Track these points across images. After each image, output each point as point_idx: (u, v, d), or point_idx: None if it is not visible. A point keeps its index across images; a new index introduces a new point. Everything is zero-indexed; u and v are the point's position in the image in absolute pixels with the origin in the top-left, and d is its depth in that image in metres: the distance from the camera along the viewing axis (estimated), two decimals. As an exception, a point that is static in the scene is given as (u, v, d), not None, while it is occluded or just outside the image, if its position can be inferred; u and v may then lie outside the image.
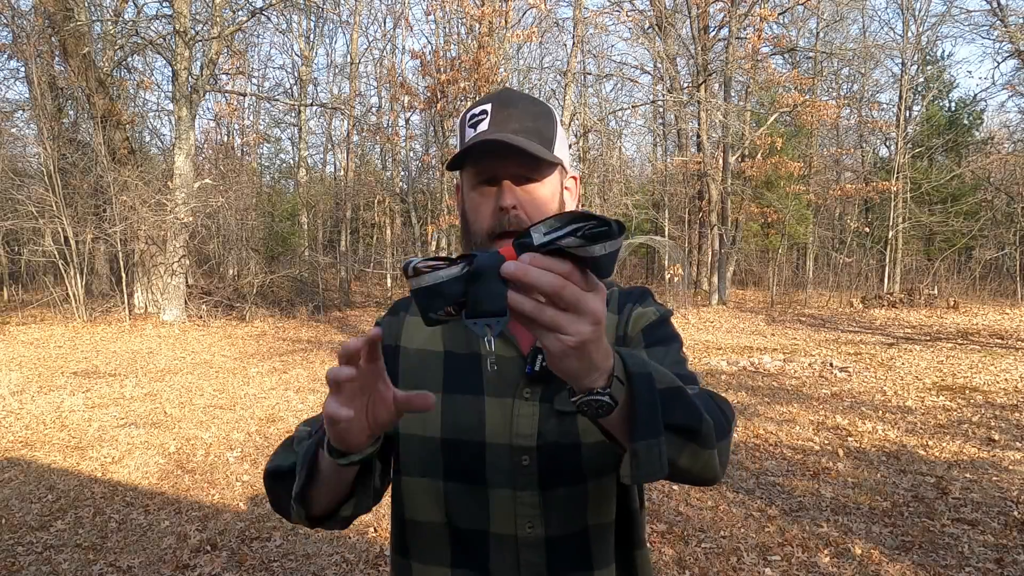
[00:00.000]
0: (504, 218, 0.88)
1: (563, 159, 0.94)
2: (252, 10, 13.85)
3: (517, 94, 0.94)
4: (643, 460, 0.63)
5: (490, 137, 0.86)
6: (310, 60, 22.59)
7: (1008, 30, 16.68)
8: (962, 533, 3.34)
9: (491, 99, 0.93)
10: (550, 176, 0.92)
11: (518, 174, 0.89)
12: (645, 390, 0.63)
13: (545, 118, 0.92)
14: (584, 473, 0.86)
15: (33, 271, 15.21)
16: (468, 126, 0.93)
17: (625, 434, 0.65)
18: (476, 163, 0.90)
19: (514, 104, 0.91)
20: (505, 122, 0.89)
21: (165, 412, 5.90)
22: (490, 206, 0.89)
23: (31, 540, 3.39)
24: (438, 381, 0.90)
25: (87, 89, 12.37)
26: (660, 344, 0.92)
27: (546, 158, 0.87)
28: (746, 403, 6.17)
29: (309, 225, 20.78)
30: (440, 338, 0.94)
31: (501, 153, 0.87)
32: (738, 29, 16.99)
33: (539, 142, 0.89)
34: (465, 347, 0.92)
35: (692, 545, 3.26)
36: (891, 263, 18.96)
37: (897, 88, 20.09)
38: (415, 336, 0.95)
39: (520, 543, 0.85)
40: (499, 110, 0.90)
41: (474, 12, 12.31)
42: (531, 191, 0.90)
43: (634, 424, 0.64)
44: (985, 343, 9.61)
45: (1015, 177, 20.18)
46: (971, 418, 5.53)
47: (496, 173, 0.89)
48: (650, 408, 0.64)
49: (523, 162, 0.88)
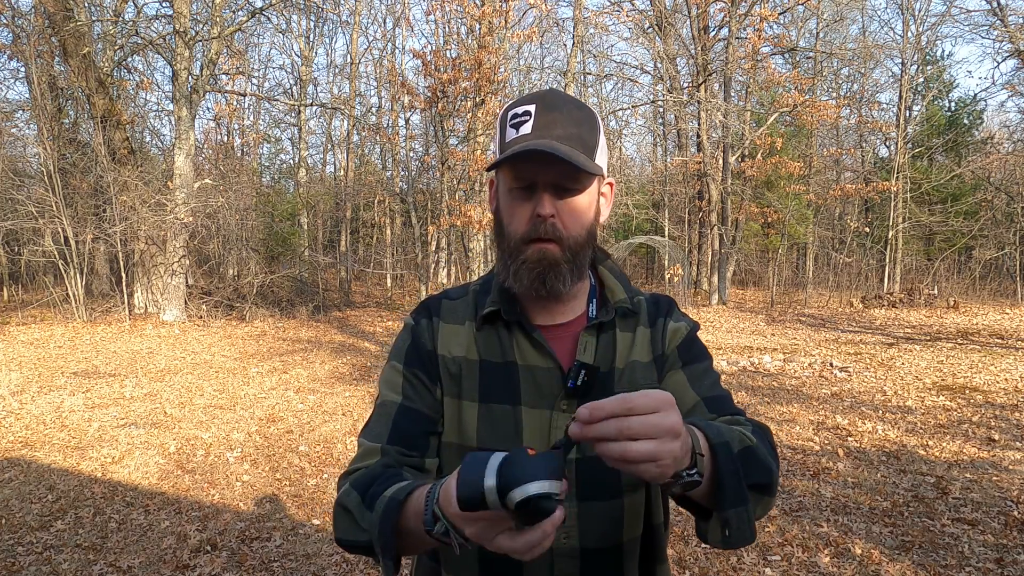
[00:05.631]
0: (541, 225, 0.86)
1: (603, 167, 0.92)
2: (252, 10, 13.85)
3: (562, 96, 0.90)
4: (735, 527, 0.67)
5: (534, 146, 0.83)
6: (310, 60, 22.59)
7: (1008, 30, 16.67)
8: (962, 533, 3.34)
9: (535, 99, 0.89)
10: (590, 186, 0.89)
11: (558, 184, 0.86)
12: (727, 460, 0.67)
13: (588, 124, 0.89)
14: (621, 487, 0.87)
15: (33, 271, 15.20)
16: (510, 125, 0.89)
17: (714, 504, 0.68)
18: (516, 167, 0.87)
19: (559, 108, 0.88)
20: (549, 127, 0.85)
21: (165, 412, 5.89)
22: (527, 212, 0.88)
23: (31, 540, 3.39)
24: (475, 390, 0.90)
25: (87, 89, 12.36)
26: (696, 362, 0.93)
27: (588, 169, 0.84)
28: (746, 403, 6.17)
29: (309, 225, 20.78)
30: (475, 346, 0.94)
31: (543, 161, 0.84)
32: (738, 29, 16.98)
33: (582, 150, 0.86)
34: (500, 356, 0.92)
35: (692, 545, 3.26)
36: (891, 263, 18.96)
37: (897, 88, 20.08)
38: (451, 344, 0.94)
39: (555, 553, 0.85)
40: (543, 113, 0.86)
41: (474, 12, 12.31)
42: (570, 201, 0.88)
43: (723, 494, 0.67)
44: (985, 343, 9.61)
45: (1015, 177, 20.16)
46: (971, 418, 5.53)
47: (536, 180, 0.86)
48: (734, 477, 0.67)
49: (565, 171, 0.85)
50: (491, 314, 0.95)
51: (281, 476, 4.37)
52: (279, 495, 4.06)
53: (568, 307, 0.95)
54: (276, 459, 4.71)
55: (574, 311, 0.95)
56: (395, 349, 0.97)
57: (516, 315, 0.93)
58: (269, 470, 4.49)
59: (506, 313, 0.93)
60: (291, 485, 4.20)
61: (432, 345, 0.95)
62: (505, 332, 0.93)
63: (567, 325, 0.94)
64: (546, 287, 0.88)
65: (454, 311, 0.98)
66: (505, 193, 0.91)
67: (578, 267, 0.90)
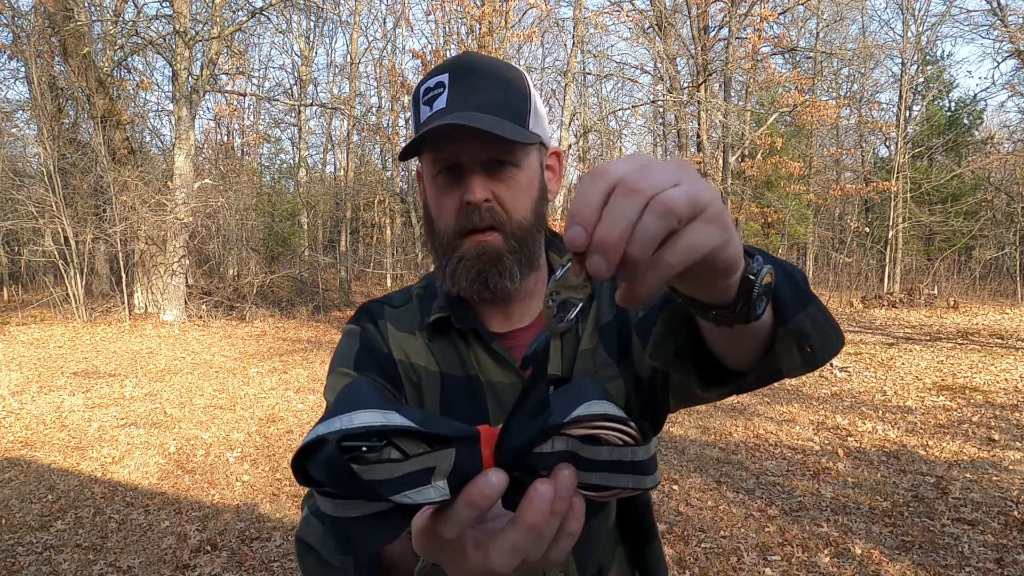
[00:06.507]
0: (473, 213, 0.74)
1: (541, 134, 0.78)
2: (252, 10, 13.85)
3: (479, 59, 0.77)
4: (813, 334, 0.53)
5: (447, 121, 0.70)
6: (310, 60, 22.59)
7: (1008, 30, 16.67)
8: (962, 533, 3.34)
9: (448, 67, 0.76)
10: (528, 158, 0.77)
11: (487, 159, 0.74)
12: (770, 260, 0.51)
13: (515, 87, 0.76)
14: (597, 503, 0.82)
15: (33, 271, 15.20)
16: (423, 103, 0.76)
17: (777, 318, 0.53)
18: (435, 149, 0.75)
19: (476, 73, 0.75)
20: (467, 97, 0.73)
21: (165, 412, 5.89)
22: (455, 200, 0.75)
23: (31, 540, 3.39)
24: (436, 406, 0.80)
25: (87, 89, 12.36)
26: None
27: (519, 139, 0.72)
28: (746, 403, 6.17)
29: (309, 225, 20.78)
30: (433, 356, 0.82)
31: (463, 137, 0.71)
32: (738, 29, 16.99)
33: (510, 118, 0.73)
34: (461, 369, 0.80)
35: (692, 545, 3.26)
36: (891, 263, 18.96)
37: (897, 88, 20.08)
38: (407, 351, 0.82)
39: None
40: (458, 82, 0.74)
41: (474, 12, 12.31)
42: (507, 180, 0.75)
43: (783, 302, 0.53)
44: (985, 343, 9.60)
45: (1015, 177, 20.16)
46: (971, 418, 5.53)
47: (459, 160, 0.74)
48: (785, 273, 0.54)
49: (492, 145, 0.72)
50: (441, 322, 0.82)
51: (281, 476, 4.37)
52: (279, 495, 4.06)
53: (526, 307, 0.83)
54: (276, 459, 4.71)
55: (533, 311, 0.83)
56: (339, 357, 0.81)
57: (470, 322, 0.81)
58: (269, 470, 4.49)
59: (458, 320, 0.81)
60: (291, 485, 4.20)
61: (388, 348, 0.82)
62: (462, 342, 0.81)
63: (528, 329, 0.83)
64: (490, 288, 0.76)
65: (400, 320, 0.85)
66: (430, 183, 0.78)
67: (527, 258, 0.78)
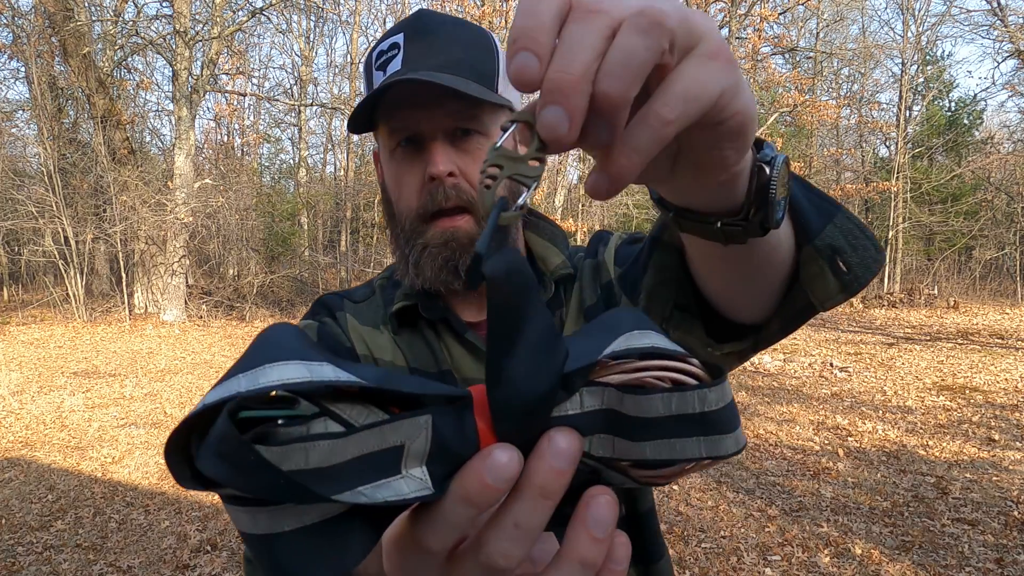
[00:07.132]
0: (437, 191, 0.65)
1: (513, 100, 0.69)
2: (252, 10, 13.85)
3: (438, 16, 0.68)
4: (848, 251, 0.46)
5: (403, 77, 0.61)
6: (310, 60, 22.59)
7: (1008, 30, 16.68)
8: (962, 533, 3.34)
9: (403, 26, 0.67)
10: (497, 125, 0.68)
11: (452, 127, 0.65)
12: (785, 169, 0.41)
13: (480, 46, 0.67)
14: None
15: (33, 271, 15.21)
16: (376, 68, 0.68)
17: (799, 237, 0.47)
18: (390, 117, 0.66)
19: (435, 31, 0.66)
20: (424, 56, 0.64)
21: (165, 412, 5.90)
22: (417, 177, 0.66)
23: (31, 540, 3.39)
24: None
25: (87, 89, 12.37)
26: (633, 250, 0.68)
27: (488, 99, 0.63)
28: (746, 403, 6.17)
29: (309, 225, 20.78)
30: (400, 351, 0.74)
31: (423, 100, 0.63)
32: (738, 29, 16.99)
33: (476, 80, 0.64)
34: (433, 364, 0.72)
35: (692, 545, 3.26)
36: (891, 263, 18.96)
37: (897, 88, 20.09)
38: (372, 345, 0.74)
39: None
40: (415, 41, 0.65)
41: (474, 12, 12.31)
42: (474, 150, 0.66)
43: (804, 216, 0.46)
44: (985, 343, 9.61)
45: (1015, 177, 20.16)
46: (971, 418, 5.53)
47: (419, 129, 0.65)
48: (804, 187, 0.47)
49: (456, 109, 0.64)
50: (406, 311, 0.73)
51: (281, 476, 4.37)
52: (279, 495, 4.05)
53: None
54: (276, 459, 4.71)
55: None
56: None
57: (440, 311, 0.73)
58: (269, 470, 4.49)
59: (425, 310, 0.73)
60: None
61: (349, 342, 0.73)
62: (432, 334, 0.73)
63: None
64: (460, 274, 0.67)
65: (362, 314, 0.77)
66: (387, 159, 0.69)
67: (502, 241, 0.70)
